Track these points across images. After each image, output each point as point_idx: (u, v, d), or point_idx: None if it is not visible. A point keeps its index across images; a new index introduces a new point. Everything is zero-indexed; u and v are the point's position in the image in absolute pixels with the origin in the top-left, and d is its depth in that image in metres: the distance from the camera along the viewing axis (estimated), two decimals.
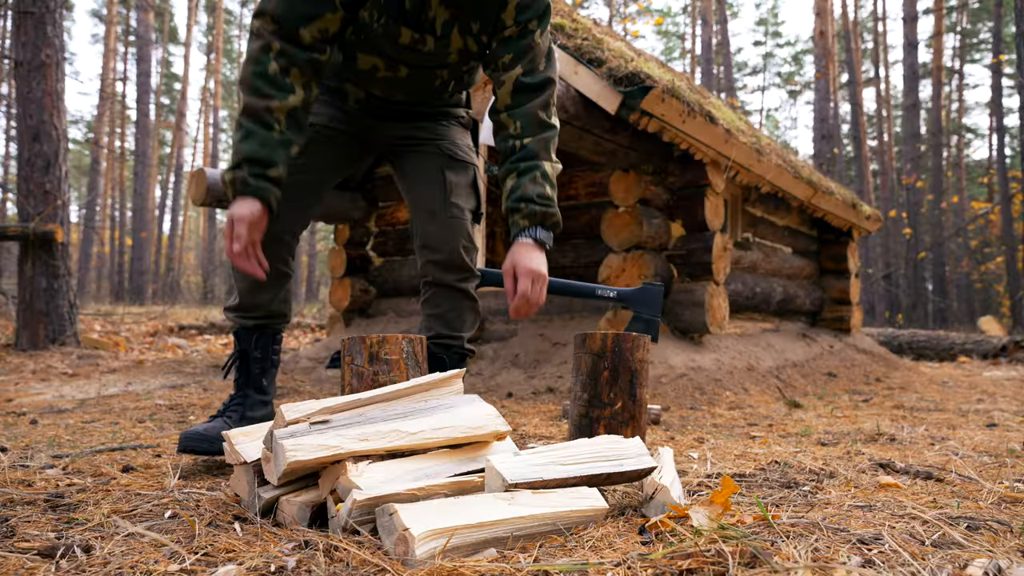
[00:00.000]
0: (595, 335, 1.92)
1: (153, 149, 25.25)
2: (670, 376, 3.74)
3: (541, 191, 1.79)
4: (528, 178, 1.79)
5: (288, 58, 1.66)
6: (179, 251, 28.92)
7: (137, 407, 3.32)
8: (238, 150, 1.66)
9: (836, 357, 5.61)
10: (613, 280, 4.24)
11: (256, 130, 1.64)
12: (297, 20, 1.65)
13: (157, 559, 1.07)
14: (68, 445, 2.23)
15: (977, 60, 27.14)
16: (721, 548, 1.02)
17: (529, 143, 1.81)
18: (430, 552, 1.04)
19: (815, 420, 3.00)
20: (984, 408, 3.47)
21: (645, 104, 3.57)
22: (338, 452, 1.27)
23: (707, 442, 2.36)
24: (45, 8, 6.80)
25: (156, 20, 24.82)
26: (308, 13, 1.66)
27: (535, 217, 1.79)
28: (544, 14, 1.80)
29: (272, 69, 1.65)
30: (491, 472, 1.28)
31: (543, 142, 1.82)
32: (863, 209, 6.57)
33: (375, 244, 5.62)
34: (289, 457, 1.24)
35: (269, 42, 1.65)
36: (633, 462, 1.43)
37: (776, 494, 1.55)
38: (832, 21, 18.61)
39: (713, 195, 4.35)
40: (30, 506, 1.42)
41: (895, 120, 27.04)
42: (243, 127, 1.66)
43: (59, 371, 5.24)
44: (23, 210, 6.79)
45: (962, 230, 20.57)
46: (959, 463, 1.90)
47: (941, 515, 1.29)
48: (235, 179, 1.65)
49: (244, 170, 1.64)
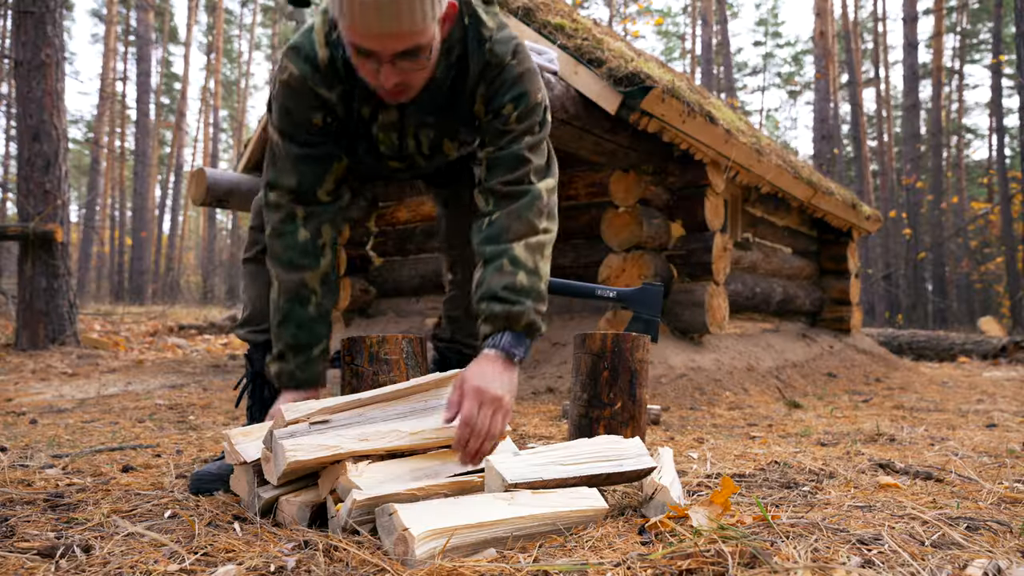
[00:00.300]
0: (595, 335, 1.92)
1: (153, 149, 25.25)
2: (670, 376, 3.74)
3: (509, 282, 1.46)
4: (493, 268, 1.49)
5: (316, 219, 1.62)
6: (179, 251, 28.92)
7: (137, 407, 3.32)
8: (278, 336, 1.61)
9: (836, 357, 5.61)
10: (613, 280, 4.24)
11: (293, 310, 1.60)
12: (311, 184, 1.61)
13: (157, 559, 1.07)
14: (68, 445, 2.23)
15: (977, 60, 27.14)
16: (721, 548, 1.02)
17: (498, 218, 1.54)
18: (430, 552, 1.04)
19: (815, 420, 3.00)
20: (984, 408, 3.47)
21: (645, 104, 3.57)
22: (338, 452, 1.27)
23: (707, 442, 2.36)
24: (45, 8, 6.80)
25: (156, 20, 24.82)
26: (319, 173, 1.62)
27: (498, 320, 1.46)
28: (520, 98, 1.55)
29: (303, 236, 1.61)
30: (491, 472, 1.28)
31: (513, 214, 1.52)
32: (863, 209, 6.58)
33: (375, 244, 5.62)
34: (289, 457, 1.24)
35: (292, 211, 1.61)
36: (633, 462, 1.43)
37: (776, 494, 1.55)
38: (832, 21, 18.62)
39: (713, 195, 4.35)
40: (30, 506, 1.42)
41: (895, 120, 27.04)
42: (280, 309, 1.62)
43: (59, 371, 5.24)
44: (23, 210, 6.79)
45: (962, 230, 20.57)
46: (959, 463, 1.90)
47: (941, 515, 1.29)
48: (282, 372, 1.60)
49: (290, 362, 1.60)
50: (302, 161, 1.60)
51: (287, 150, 1.60)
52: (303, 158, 1.60)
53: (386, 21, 1.28)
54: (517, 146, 1.56)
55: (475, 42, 1.51)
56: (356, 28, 1.30)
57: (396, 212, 5.52)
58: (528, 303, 1.46)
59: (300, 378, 1.61)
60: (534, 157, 1.59)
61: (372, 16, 1.27)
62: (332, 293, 1.67)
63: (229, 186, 4.69)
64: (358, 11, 1.27)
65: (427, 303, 5.33)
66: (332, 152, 1.63)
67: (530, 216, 1.53)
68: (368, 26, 1.29)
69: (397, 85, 1.41)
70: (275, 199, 1.63)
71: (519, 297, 1.46)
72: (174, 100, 29.59)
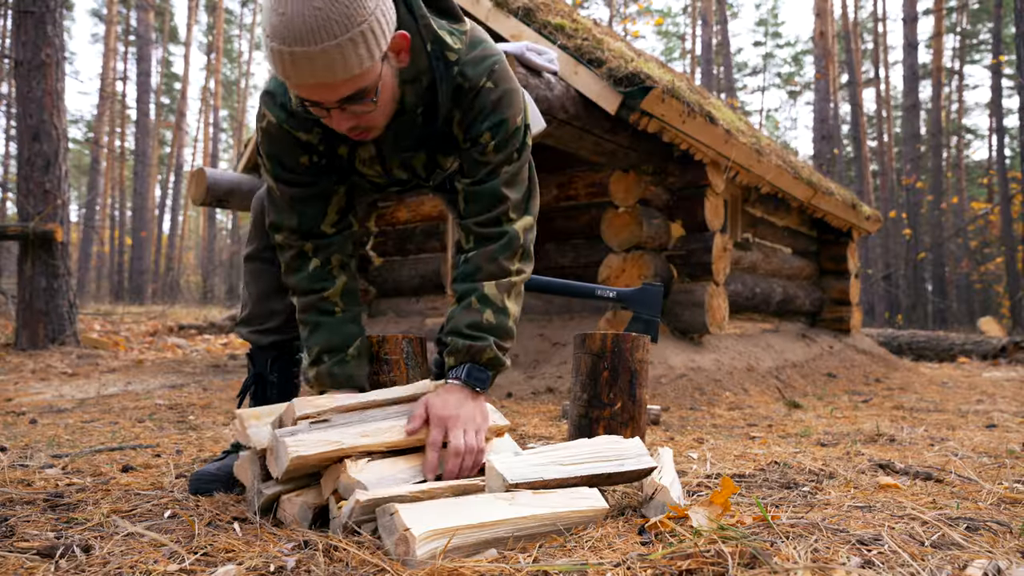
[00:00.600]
0: (595, 335, 1.92)
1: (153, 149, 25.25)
2: (670, 376, 3.74)
3: (474, 320, 1.49)
4: (462, 306, 1.52)
5: (325, 251, 1.61)
6: (179, 251, 28.93)
7: (137, 407, 3.32)
8: (310, 345, 1.60)
9: (836, 358, 5.61)
10: (613, 280, 4.25)
11: (320, 320, 1.59)
12: (314, 221, 1.59)
13: (156, 559, 1.07)
14: (67, 445, 2.23)
15: (977, 61, 27.15)
16: (721, 548, 1.02)
17: (472, 257, 1.54)
18: (431, 552, 1.04)
19: (815, 421, 3.00)
20: (984, 409, 3.47)
21: (645, 104, 3.57)
22: (340, 447, 1.27)
23: (707, 442, 2.36)
24: (45, 8, 6.80)
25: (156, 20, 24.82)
26: (319, 209, 1.59)
27: (459, 353, 1.49)
28: (498, 127, 1.49)
29: (314, 266, 1.60)
30: (491, 472, 1.28)
31: (487, 255, 1.53)
32: (863, 210, 6.58)
33: (375, 244, 5.62)
34: (291, 453, 1.24)
35: (300, 247, 1.59)
36: (633, 462, 1.43)
37: (776, 495, 1.55)
38: (832, 22, 18.62)
39: (713, 195, 4.35)
40: (29, 506, 1.42)
41: (895, 121, 27.05)
42: (307, 324, 1.61)
43: (59, 371, 5.24)
44: (23, 209, 6.79)
45: (962, 231, 20.58)
46: (959, 464, 1.90)
47: (940, 516, 1.29)
48: (320, 374, 1.59)
49: (326, 363, 1.58)
50: (299, 201, 1.57)
51: (282, 192, 1.58)
52: (299, 198, 1.57)
53: (319, 73, 1.21)
54: (495, 180, 1.53)
55: (442, 67, 1.44)
56: (291, 82, 1.26)
57: (396, 212, 5.52)
58: (491, 339, 1.49)
59: (338, 377, 1.58)
60: (512, 192, 1.55)
61: (304, 69, 1.21)
62: (356, 303, 1.65)
63: (229, 186, 4.69)
64: (289, 65, 1.21)
65: (427, 303, 5.33)
66: (327, 187, 1.59)
67: (502, 259, 1.54)
68: (301, 79, 1.23)
69: (353, 128, 1.37)
70: (282, 239, 1.61)
71: (482, 334, 1.49)
72: (174, 100, 29.60)
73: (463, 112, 1.50)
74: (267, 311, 1.77)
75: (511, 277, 1.55)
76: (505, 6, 3.90)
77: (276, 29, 1.19)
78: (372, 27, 1.23)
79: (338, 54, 1.20)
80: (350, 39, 1.20)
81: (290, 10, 1.18)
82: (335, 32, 1.19)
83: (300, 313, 1.62)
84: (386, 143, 1.55)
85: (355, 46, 1.22)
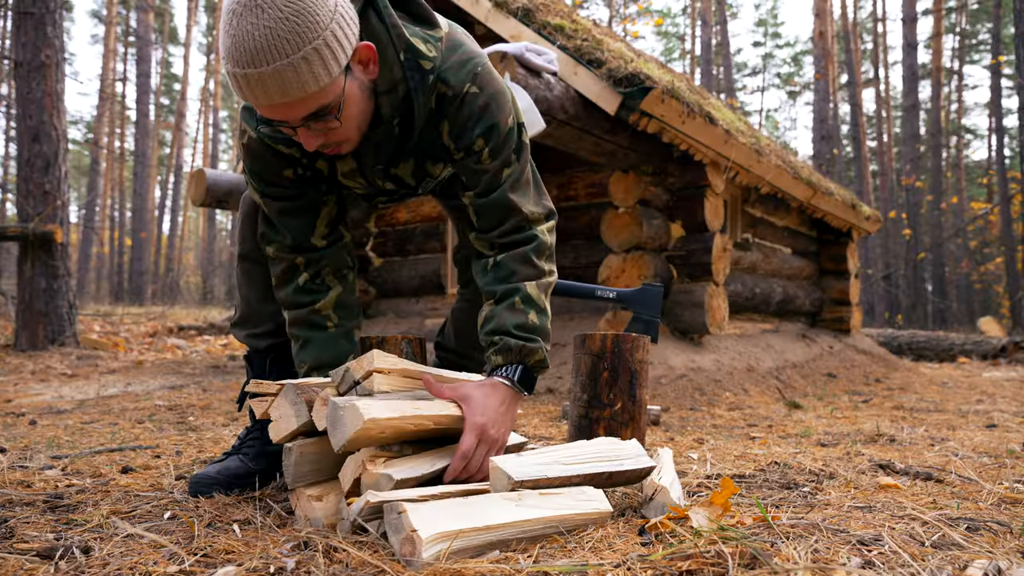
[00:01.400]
0: (595, 336, 1.92)
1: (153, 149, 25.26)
2: (670, 377, 3.74)
3: (521, 321, 1.45)
4: (505, 305, 1.48)
5: (316, 265, 1.58)
6: (179, 251, 28.93)
7: (136, 408, 3.32)
8: (300, 361, 1.57)
9: (836, 358, 5.61)
10: (613, 281, 4.25)
11: (311, 336, 1.55)
12: (303, 235, 1.55)
13: (156, 560, 1.07)
14: (67, 446, 2.23)
15: (976, 61, 27.17)
16: (721, 549, 1.02)
17: (503, 260, 1.51)
18: (436, 554, 1.04)
19: (815, 421, 3.00)
20: (984, 409, 3.47)
21: (645, 105, 3.57)
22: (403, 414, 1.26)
23: (707, 443, 2.36)
24: (45, 9, 6.80)
25: (156, 20, 24.83)
26: (308, 222, 1.55)
27: (511, 353, 1.45)
28: (490, 132, 1.45)
29: (304, 279, 1.57)
30: (495, 472, 1.28)
31: (519, 256, 1.50)
32: (863, 210, 6.58)
33: (374, 244, 5.62)
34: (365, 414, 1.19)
35: (291, 261, 1.56)
36: (632, 462, 1.44)
37: (776, 495, 1.55)
38: (831, 22, 18.63)
39: (713, 196, 4.35)
40: (29, 507, 1.41)
41: (894, 121, 27.06)
42: (297, 338, 1.58)
43: (58, 372, 5.24)
44: (23, 210, 6.80)
45: (961, 231, 20.59)
46: (959, 464, 1.90)
47: (941, 516, 1.29)
48: None
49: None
50: (287, 215, 1.54)
51: (269, 208, 1.55)
52: (287, 212, 1.54)
53: (272, 94, 1.18)
54: (500, 189, 1.50)
55: (416, 77, 1.38)
56: (251, 102, 1.22)
57: (396, 213, 5.51)
58: (540, 342, 1.47)
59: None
60: (521, 198, 1.52)
61: (258, 90, 1.18)
62: (352, 316, 1.62)
63: (229, 187, 4.69)
64: (244, 87, 1.18)
65: (427, 303, 5.33)
66: (315, 198, 1.55)
67: (535, 259, 1.52)
68: (257, 100, 1.20)
69: (323, 145, 1.34)
70: (272, 252, 1.58)
71: (533, 335, 1.46)
72: (174, 101, 29.61)
73: (451, 121, 1.46)
74: (262, 314, 1.73)
75: (546, 277, 1.54)
76: (505, 7, 3.90)
77: (229, 51, 1.17)
78: (327, 42, 1.19)
79: (291, 73, 1.16)
80: (302, 57, 1.16)
81: (240, 31, 1.15)
82: (286, 51, 1.15)
83: (290, 327, 1.59)
84: (366, 156, 1.50)
85: (308, 64, 1.17)
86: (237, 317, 1.78)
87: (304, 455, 1.34)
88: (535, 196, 1.58)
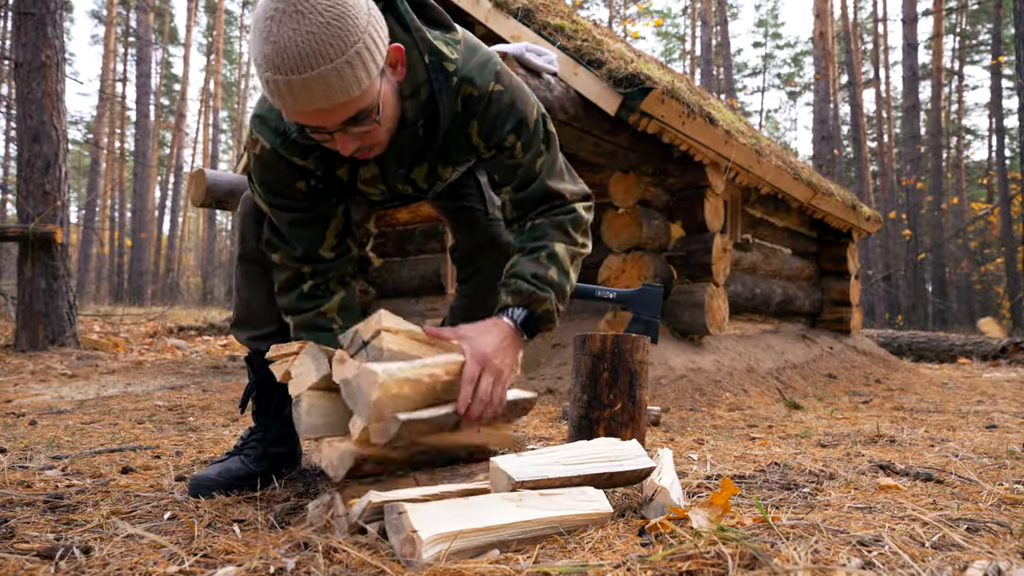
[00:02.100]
0: (595, 336, 1.92)
1: (153, 150, 25.27)
2: (670, 377, 3.74)
3: (539, 271, 1.47)
4: (530, 257, 1.50)
5: (322, 275, 1.57)
6: (179, 252, 28.94)
7: (136, 408, 3.32)
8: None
9: (836, 358, 5.61)
10: (613, 281, 4.24)
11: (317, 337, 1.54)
12: (311, 246, 1.54)
13: (156, 560, 1.07)
14: (67, 446, 2.23)
15: (976, 61, 27.18)
16: (721, 550, 1.02)
17: (540, 222, 1.55)
18: (436, 555, 1.04)
19: (815, 421, 3.00)
20: (984, 410, 3.47)
21: (645, 105, 3.57)
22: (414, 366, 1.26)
23: (707, 443, 2.36)
24: (45, 9, 6.80)
25: (156, 21, 24.84)
26: (317, 233, 1.54)
27: (520, 296, 1.46)
28: (520, 126, 1.48)
29: (308, 287, 1.57)
30: (496, 472, 1.28)
31: (556, 223, 1.53)
32: (863, 210, 6.58)
33: (374, 245, 5.61)
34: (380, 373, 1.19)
35: (297, 269, 1.55)
36: (632, 463, 1.44)
37: (776, 496, 1.55)
38: (832, 22, 18.63)
39: (713, 196, 4.35)
40: (29, 507, 1.41)
41: (895, 121, 27.06)
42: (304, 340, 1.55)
43: (58, 372, 5.23)
44: (23, 211, 6.80)
45: (962, 231, 20.59)
46: (959, 465, 1.90)
47: (941, 517, 1.29)
48: None
49: None
50: (296, 226, 1.53)
51: (279, 219, 1.53)
52: (297, 223, 1.53)
53: (317, 99, 1.18)
54: (537, 180, 1.53)
55: (441, 78, 1.40)
56: (289, 110, 1.21)
57: (396, 213, 5.51)
58: (552, 295, 1.48)
59: None
60: (560, 184, 1.56)
61: (301, 97, 1.17)
62: (355, 317, 1.61)
63: (229, 187, 4.69)
64: (286, 94, 1.17)
65: (427, 304, 5.33)
66: (325, 211, 1.54)
67: (571, 229, 1.55)
68: (299, 106, 1.19)
69: (358, 149, 1.34)
70: (278, 260, 1.57)
71: (546, 287, 1.47)
72: (174, 101, 29.61)
73: (480, 121, 1.47)
74: (265, 316, 1.71)
75: (577, 247, 1.56)
76: (505, 7, 3.90)
77: (269, 58, 1.15)
78: (367, 45, 1.20)
79: (335, 78, 1.17)
80: (346, 61, 1.17)
81: (282, 37, 1.14)
82: (330, 55, 1.15)
83: (295, 331, 1.58)
84: (389, 160, 1.51)
85: (352, 67, 1.18)
86: (236, 318, 1.77)
87: (315, 407, 1.33)
88: (570, 179, 1.61)
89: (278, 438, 1.75)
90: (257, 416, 1.78)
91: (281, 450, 1.75)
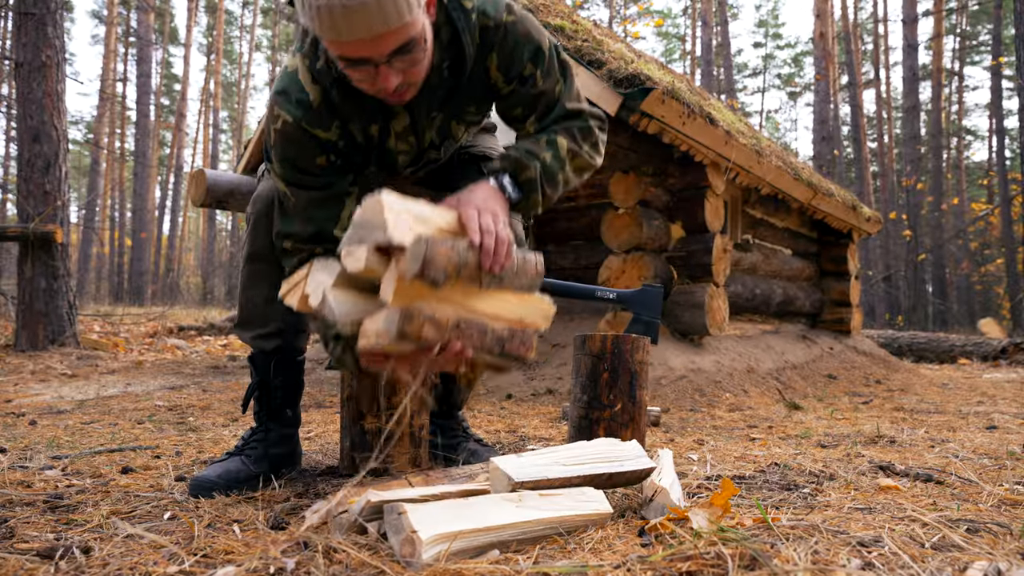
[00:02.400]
0: (595, 337, 1.92)
1: (153, 150, 25.27)
2: (670, 378, 3.74)
3: (534, 149, 1.51)
4: (531, 140, 1.55)
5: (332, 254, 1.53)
6: (179, 252, 28.94)
7: (136, 408, 3.32)
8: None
9: (836, 359, 5.61)
10: (613, 282, 4.24)
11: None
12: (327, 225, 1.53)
13: (156, 560, 1.07)
14: (67, 446, 2.23)
15: (977, 62, 27.18)
16: (721, 550, 1.02)
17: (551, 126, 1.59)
18: (436, 555, 1.04)
19: (815, 422, 3.00)
20: (984, 410, 3.47)
21: (645, 106, 3.57)
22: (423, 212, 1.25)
23: (707, 444, 2.35)
24: (46, 9, 6.80)
25: (156, 21, 24.85)
26: (334, 213, 1.54)
27: (506, 161, 1.50)
28: (537, 54, 1.53)
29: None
30: (496, 473, 1.28)
31: (565, 128, 1.58)
32: (863, 211, 6.58)
33: None
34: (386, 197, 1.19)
35: (310, 251, 1.54)
36: (632, 463, 1.44)
37: (776, 496, 1.55)
38: (832, 23, 18.63)
39: (713, 197, 4.35)
40: (29, 507, 1.41)
41: (895, 122, 27.06)
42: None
43: (58, 372, 5.23)
44: (23, 211, 6.79)
45: (962, 232, 20.58)
46: (959, 465, 1.90)
47: (941, 517, 1.29)
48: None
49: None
50: (315, 206, 1.53)
51: (297, 198, 1.52)
52: (315, 202, 1.53)
53: (374, 23, 1.20)
54: (558, 105, 1.58)
55: (462, 17, 1.45)
56: (342, 38, 1.22)
57: None
58: (538, 166, 1.50)
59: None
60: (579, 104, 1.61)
61: (357, 22, 1.19)
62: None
63: (229, 187, 4.69)
64: (340, 20, 1.19)
65: None
66: (342, 190, 1.55)
67: (579, 135, 1.58)
68: (354, 33, 1.21)
69: (400, 85, 1.35)
70: (290, 247, 1.55)
71: (534, 159, 1.50)
72: (174, 101, 29.62)
73: (498, 52, 1.51)
74: (269, 315, 1.71)
75: (582, 152, 1.58)
76: None
77: None
78: None
79: (390, 1, 1.20)
80: None
81: None
82: None
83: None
84: (419, 108, 1.54)
85: None
86: (240, 319, 1.77)
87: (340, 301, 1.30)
88: (588, 103, 1.65)
89: (279, 439, 1.76)
90: (258, 416, 1.78)
91: (281, 451, 1.76)
